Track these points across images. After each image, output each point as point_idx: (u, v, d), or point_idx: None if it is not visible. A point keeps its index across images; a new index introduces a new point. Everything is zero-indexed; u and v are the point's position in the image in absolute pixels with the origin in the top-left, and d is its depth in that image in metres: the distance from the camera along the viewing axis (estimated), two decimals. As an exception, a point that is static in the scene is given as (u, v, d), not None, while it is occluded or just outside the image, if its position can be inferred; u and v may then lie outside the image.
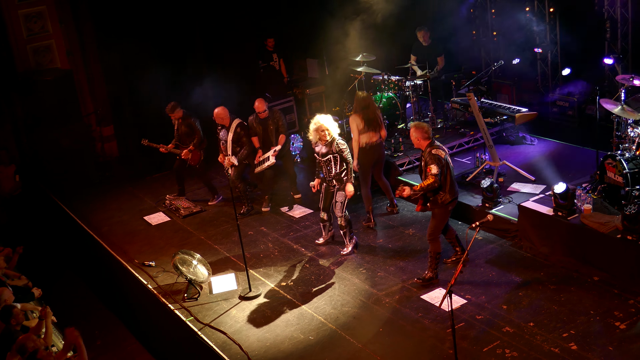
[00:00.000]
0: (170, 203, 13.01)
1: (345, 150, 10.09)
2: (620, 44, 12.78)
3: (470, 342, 8.11)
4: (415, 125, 9.22)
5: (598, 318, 8.32)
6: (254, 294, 9.76)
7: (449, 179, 9.07)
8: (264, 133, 12.17)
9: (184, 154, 12.59)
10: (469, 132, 13.34)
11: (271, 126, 12.09)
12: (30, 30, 14.88)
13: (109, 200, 13.84)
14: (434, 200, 9.16)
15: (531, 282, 9.24)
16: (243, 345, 8.66)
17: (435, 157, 8.96)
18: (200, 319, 9.35)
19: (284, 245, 11.13)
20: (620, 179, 9.44)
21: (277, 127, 12.11)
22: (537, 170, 11.71)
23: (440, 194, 9.10)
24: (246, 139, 12.05)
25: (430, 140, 9.12)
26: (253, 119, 12.17)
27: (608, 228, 9.08)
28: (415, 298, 9.16)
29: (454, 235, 9.71)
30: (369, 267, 10.12)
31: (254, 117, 12.14)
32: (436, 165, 8.91)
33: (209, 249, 11.21)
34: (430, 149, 9.05)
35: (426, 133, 9.09)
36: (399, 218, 11.45)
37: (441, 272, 9.58)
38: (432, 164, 8.92)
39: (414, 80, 13.73)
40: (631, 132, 9.89)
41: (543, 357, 7.73)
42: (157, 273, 10.72)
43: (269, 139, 12.15)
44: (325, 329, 8.81)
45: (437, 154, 8.98)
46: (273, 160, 12.05)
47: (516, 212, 10.27)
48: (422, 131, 9.09)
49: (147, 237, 12.08)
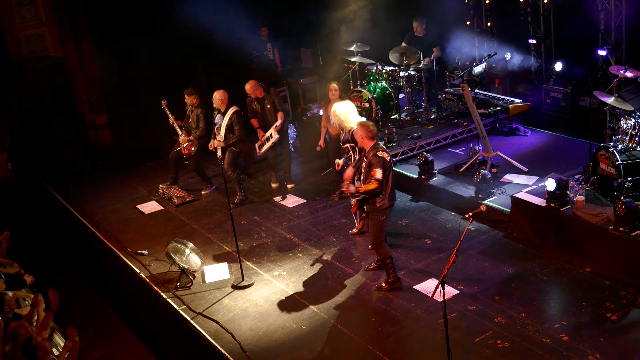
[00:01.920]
0: (163, 192, 12.99)
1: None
2: (614, 36, 12.79)
3: (462, 333, 8.13)
4: (361, 124, 8.98)
5: (590, 309, 8.35)
6: (246, 283, 9.76)
7: (390, 184, 8.78)
8: (262, 112, 12.23)
9: (181, 139, 12.58)
10: (462, 122, 13.35)
11: (268, 105, 12.15)
12: (23, 18, 14.80)
13: (102, 188, 13.80)
14: (371, 202, 8.87)
15: (523, 273, 9.27)
16: (235, 334, 8.67)
17: (381, 160, 8.65)
18: (193, 308, 9.35)
19: (277, 234, 11.13)
20: (613, 171, 9.47)
21: (274, 106, 12.16)
22: (531, 161, 11.75)
23: (379, 198, 8.78)
24: (239, 127, 12.00)
25: (375, 141, 8.82)
26: (250, 101, 12.22)
27: (600, 219, 9.11)
28: (408, 288, 9.16)
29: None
30: (362, 257, 10.12)
31: (250, 98, 12.20)
32: (381, 170, 8.60)
33: (202, 238, 11.21)
34: (375, 150, 8.72)
35: (370, 132, 8.79)
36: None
37: (434, 262, 9.61)
38: (378, 168, 8.60)
39: (408, 70, 13.71)
40: (624, 124, 9.90)
41: (535, 348, 7.75)
42: (150, 262, 10.71)
43: (267, 118, 12.22)
44: (317, 319, 8.82)
45: (383, 157, 8.67)
46: (277, 136, 12.12)
47: (509, 203, 10.29)
48: (367, 130, 8.79)
49: (140, 226, 12.06)
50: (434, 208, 11.24)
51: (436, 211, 11.13)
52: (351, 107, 9.96)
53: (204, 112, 12.50)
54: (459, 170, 11.79)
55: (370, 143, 8.81)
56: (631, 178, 9.35)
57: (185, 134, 12.63)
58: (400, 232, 10.67)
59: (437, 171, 11.80)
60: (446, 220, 10.86)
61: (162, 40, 14.90)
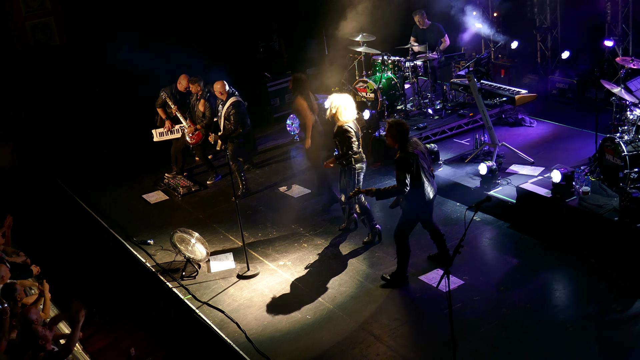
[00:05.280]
0: (168, 182, 13.01)
1: (347, 133, 9.76)
2: (621, 26, 12.74)
3: (467, 323, 8.12)
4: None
5: (595, 300, 8.35)
6: (252, 273, 9.78)
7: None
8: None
9: (189, 129, 12.60)
10: (468, 113, 13.32)
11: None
12: (29, 8, 14.80)
13: (108, 178, 13.83)
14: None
15: (528, 264, 9.27)
16: (241, 323, 8.69)
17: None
18: (198, 297, 9.38)
19: (282, 225, 11.13)
20: (618, 162, 9.44)
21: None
22: (536, 152, 11.72)
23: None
24: (235, 117, 11.91)
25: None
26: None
27: (605, 210, 9.10)
28: (413, 278, 9.17)
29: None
30: (367, 247, 10.13)
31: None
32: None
33: (207, 228, 11.23)
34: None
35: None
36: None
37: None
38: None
39: (414, 61, 13.69)
40: (630, 115, 9.87)
41: (539, 339, 7.76)
42: (156, 251, 10.74)
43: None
44: (322, 308, 8.84)
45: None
46: (178, 135, 12.84)
47: (515, 194, 10.28)
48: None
49: (145, 216, 12.09)
50: (439, 198, 11.14)
51: (441, 201, 11.10)
52: (348, 102, 9.83)
53: (211, 101, 12.51)
54: (465, 160, 11.78)
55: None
56: (637, 169, 9.32)
57: (191, 123, 12.64)
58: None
59: (443, 162, 11.80)
60: (451, 210, 10.86)
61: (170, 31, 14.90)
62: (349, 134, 9.68)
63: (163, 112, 12.88)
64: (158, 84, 13.05)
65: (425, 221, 9.09)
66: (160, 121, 13.02)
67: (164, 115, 12.88)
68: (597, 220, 9.14)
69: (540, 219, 9.87)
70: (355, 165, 9.80)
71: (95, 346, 9.15)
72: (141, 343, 9.14)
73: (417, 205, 8.78)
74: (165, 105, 12.77)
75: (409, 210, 8.84)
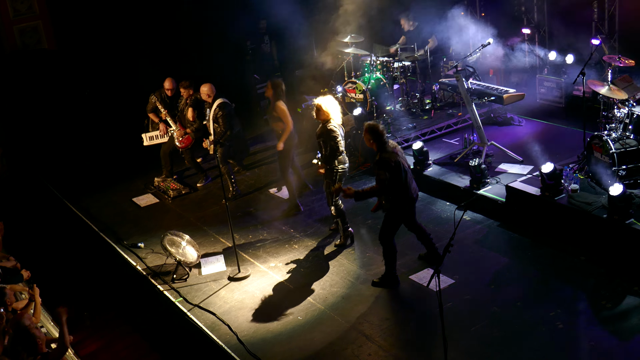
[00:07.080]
0: (158, 185, 13.00)
1: (332, 133, 9.77)
2: (608, 25, 12.79)
3: (457, 322, 8.14)
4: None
5: (585, 297, 8.40)
6: (243, 275, 9.78)
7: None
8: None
9: (178, 133, 12.59)
10: (457, 113, 13.36)
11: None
12: (16, 11, 14.76)
13: (98, 182, 13.80)
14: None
15: (518, 262, 9.31)
16: (232, 325, 8.70)
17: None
18: (190, 300, 9.38)
19: (272, 226, 11.14)
20: (606, 159, 9.49)
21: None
22: (525, 150, 11.75)
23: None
24: (223, 119, 11.89)
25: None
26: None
27: (594, 208, 9.14)
28: (404, 278, 9.20)
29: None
30: (358, 247, 10.15)
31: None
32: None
33: (198, 230, 11.22)
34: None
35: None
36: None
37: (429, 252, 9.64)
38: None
39: (402, 61, 13.72)
40: (618, 112, 9.92)
41: (530, 336, 7.79)
42: (146, 254, 10.73)
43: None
44: (313, 309, 8.85)
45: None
46: (164, 140, 12.87)
47: (504, 193, 10.32)
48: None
49: (136, 219, 12.07)
50: (429, 198, 11.25)
51: (431, 201, 11.15)
52: (333, 104, 9.93)
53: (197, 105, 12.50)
54: (454, 160, 11.81)
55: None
56: (625, 166, 9.38)
57: (180, 127, 12.63)
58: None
59: (432, 161, 11.82)
60: (441, 210, 10.89)
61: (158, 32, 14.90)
62: (333, 134, 9.70)
63: (155, 117, 12.86)
64: (147, 87, 13.04)
65: (409, 222, 9.12)
66: (150, 125, 13.00)
67: (157, 119, 12.86)
68: (586, 217, 9.19)
69: (530, 217, 9.92)
70: (337, 167, 9.83)
71: (87, 350, 9.12)
72: (133, 346, 9.14)
73: (400, 206, 8.83)
74: (156, 110, 12.76)
75: (392, 212, 8.88)
